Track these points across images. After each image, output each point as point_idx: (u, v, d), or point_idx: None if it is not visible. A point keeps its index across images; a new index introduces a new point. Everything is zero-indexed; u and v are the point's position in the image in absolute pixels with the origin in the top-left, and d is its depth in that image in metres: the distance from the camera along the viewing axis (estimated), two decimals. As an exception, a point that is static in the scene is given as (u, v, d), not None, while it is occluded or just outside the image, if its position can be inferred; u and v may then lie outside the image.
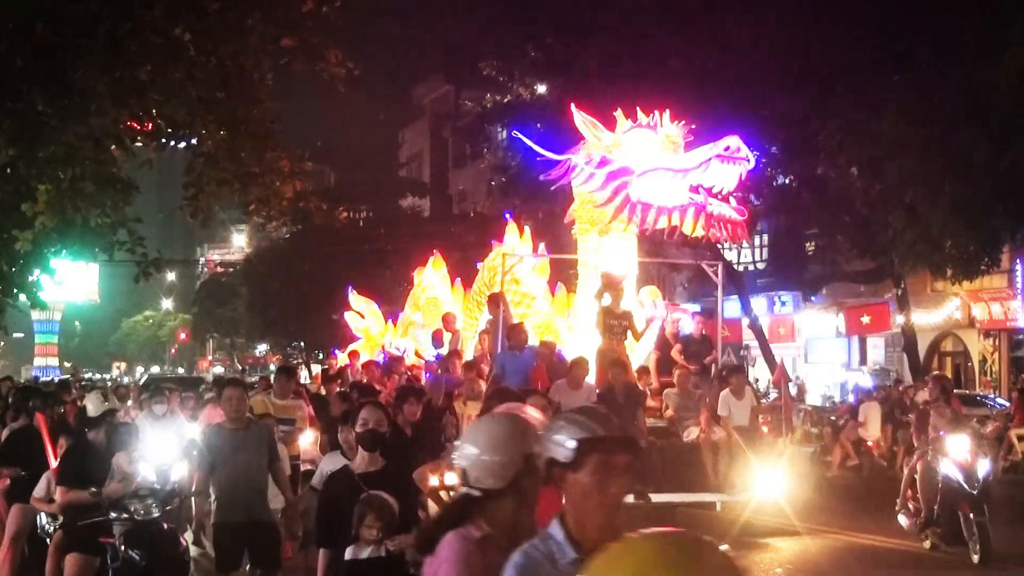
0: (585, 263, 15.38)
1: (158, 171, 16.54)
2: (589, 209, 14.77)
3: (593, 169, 14.22)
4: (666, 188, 13.89)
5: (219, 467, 7.71)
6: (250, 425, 7.96)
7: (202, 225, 12.77)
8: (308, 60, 11.61)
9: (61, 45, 9.64)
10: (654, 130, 14.31)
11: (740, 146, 13.64)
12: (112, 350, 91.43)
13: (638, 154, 14.19)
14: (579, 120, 14.71)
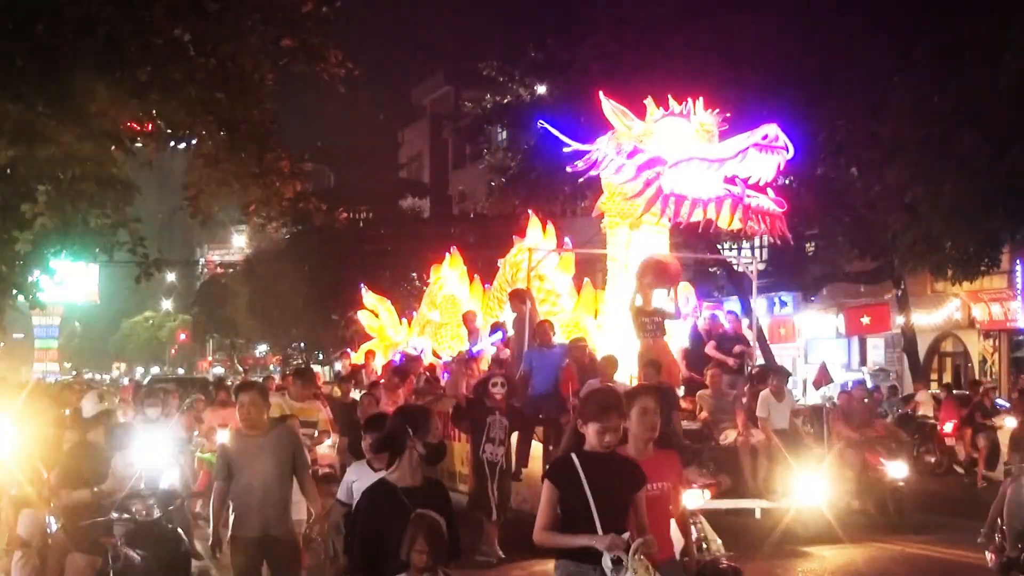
0: (615, 258, 14.69)
1: (158, 172, 16.54)
2: (619, 201, 14.17)
3: (623, 160, 13.59)
4: (700, 179, 13.22)
5: (236, 477, 7.21)
6: (271, 430, 7.41)
7: (202, 225, 12.79)
8: (308, 61, 11.63)
9: (61, 45, 9.64)
10: (687, 118, 13.67)
11: (779, 134, 12.94)
12: (112, 351, 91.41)
13: (671, 143, 13.54)
14: (608, 109, 14.05)
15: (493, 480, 11.27)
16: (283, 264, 43.09)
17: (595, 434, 5.04)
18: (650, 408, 5.42)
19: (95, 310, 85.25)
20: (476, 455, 11.39)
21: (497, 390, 11.39)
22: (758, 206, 13.32)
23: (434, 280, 20.09)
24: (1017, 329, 28.13)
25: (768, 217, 13.44)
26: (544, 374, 12.61)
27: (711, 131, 13.69)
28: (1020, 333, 28.50)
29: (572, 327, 14.81)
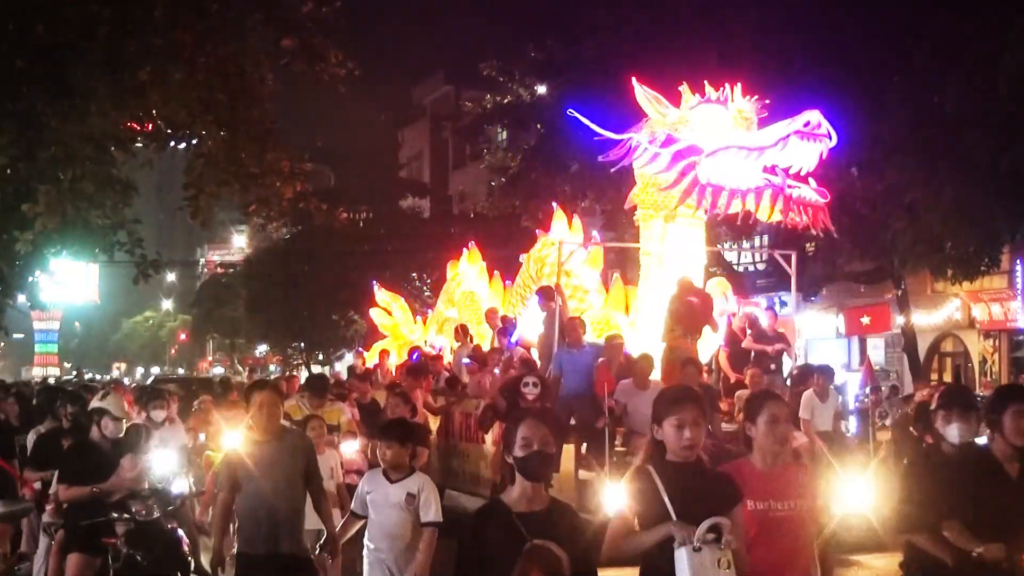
0: (648, 252, 13.98)
1: (158, 172, 16.60)
2: (652, 193, 13.51)
3: (657, 149, 12.88)
4: (739, 168, 12.60)
5: (243, 487, 6.47)
6: (284, 436, 6.67)
7: (202, 226, 12.77)
8: (308, 61, 11.63)
9: (61, 46, 9.65)
10: (724, 105, 13.03)
11: (821, 121, 12.28)
12: (112, 351, 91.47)
13: (707, 131, 12.89)
14: (641, 95, 13.35)
15: None
16: (283, 264, 43.07)
17: (673, 431, 4.44)
18: (780, 417, 4.83)
19: (95, 310, 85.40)
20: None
21: (529, 391, 10.75)
22: (800, 197, 12.71)
23: (451, 277, 19.40)
24: (1017, 329, 28.14)
25: (810, 208, 12.81)
26: (576, 374, 12.02)
27: (749, 118, 13.08)
28: (1020, 333, 28.51)
29: (603, 324, 14.12)
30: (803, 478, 4.95)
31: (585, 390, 11.84)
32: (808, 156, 12.35)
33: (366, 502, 6.56)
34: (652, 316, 13.45)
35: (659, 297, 13.31)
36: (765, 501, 4.72)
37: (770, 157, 12.48)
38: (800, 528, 4.79)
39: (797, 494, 4.79)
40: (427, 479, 6.67)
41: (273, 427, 6.56)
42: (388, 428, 6.96)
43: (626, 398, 11.24)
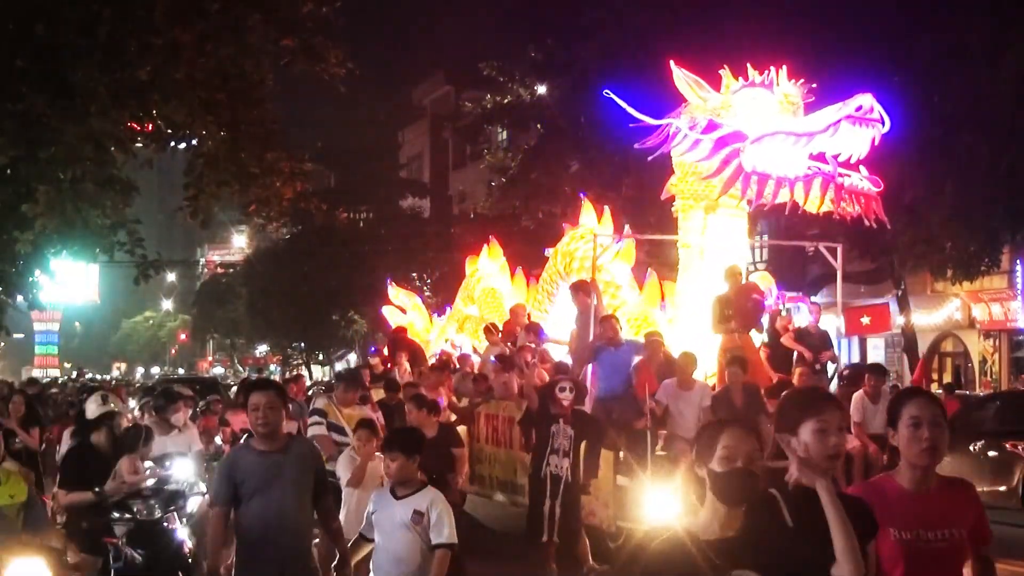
0: (688, 244, 13.18)
1: (158, 172, 16.57)
2: (693, 182, 12.75)
3: (699, 135, 12.12)
4: (786, 156, 11.86)
5: (243, 503, 5.72)
6: (290, 445, 5.88)
7: (202, 226, 12.78)
8: (308, 61, 11.64)
9: (61, 46, 9.65)
10: (770, 89, 12.26)
11: (873, 105, 11.54)
12: (112, 351, 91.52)
13: (752, 117, 12.15)
14: (680, 79, 12.59)
15: (555, 497, 9.85)
16: (283, 264, 43.09)
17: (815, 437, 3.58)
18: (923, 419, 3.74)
19: (95, 310, 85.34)
20: (538, 469, 10.00)
21: (565, 395, 9.91)
22: (851, 186, 11.91)
23: (470, 273, 18.47)
24: (1017, 329, 28.14)
25: (863, 198, 12.00)
26: (613, 374, 11.35)
27: (796, 103, 12.32)
28: (1020, 333, 28.52)
29: (640, 321, 13.32)
30: (961, 498, 3.90)
31: (623, 390, 11.27)
32: (860, 142, 11.61)
33: (372, 522, 5.83)
34: (691, 312, 12.77)
35: (699, 292, 12.65)
36: (913, 530, 3.74)
37: (820, 143, 11.78)
38: (957, 561, 3.82)
39: (953, 520, 3.78)
40: (438, 495, 5.88)
41: (274, 433, 5.76)
42: (391, 438, 6.27)
43: (668, 399, 10.73)
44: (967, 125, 19.24)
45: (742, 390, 10.85)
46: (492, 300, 17.09)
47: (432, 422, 9.76)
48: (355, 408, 9.71)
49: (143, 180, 13.34)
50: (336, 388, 9.72)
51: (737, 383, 10.89)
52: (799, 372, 11.94)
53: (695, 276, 12.99)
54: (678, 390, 10.79)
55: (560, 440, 9.90)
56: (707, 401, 10.70)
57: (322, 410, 9.55)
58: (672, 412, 10.73)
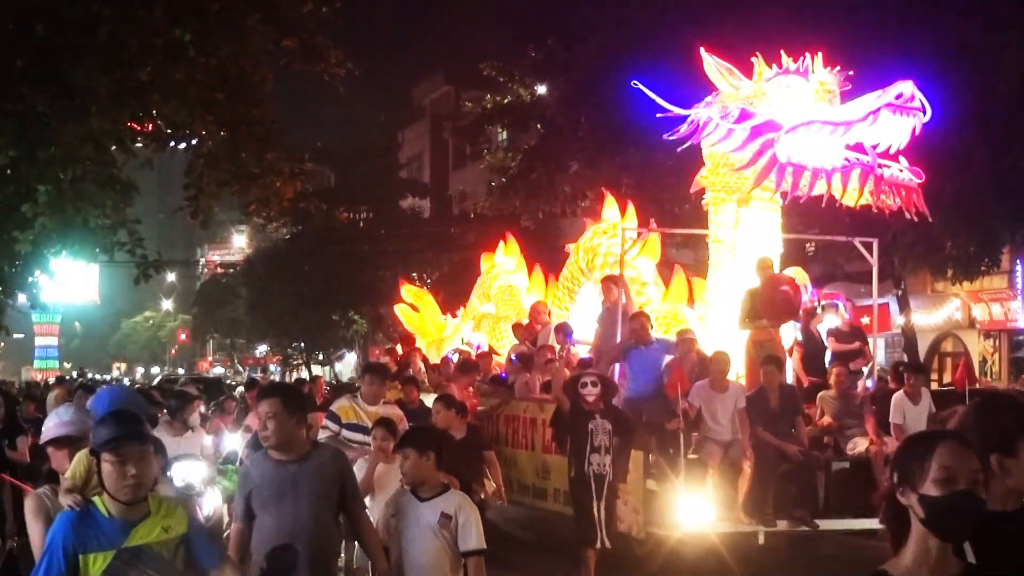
0: (719, 239, 12.60)
1: (158, 172, 16.57)
2: (724, 174, 12.19)
3: (731, 124, 11.60)
4: (823, 146, 11.34)
5: (258, 518, 5.26)
6: (311, 454, 5.36)
7: (202, 226, 12.79)
8: (308, 61, 11.65)
9: (61, 46, 9.66)
10: (805, 76, 11.72)
11: (914, 93, 11.06)
12: (112, 351, 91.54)
13: (786, 105, 11.64)
14: (710, 66, 12.08)
15: (600, 498, 9.14)
16: (283, 264, 43.09)
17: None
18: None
19: (95, 310, 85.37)
20: (581, 469, 9.25)
21: (588, 391, 9.29)
22: (892, 177, 11.39)
23: (486, 270, 17.81)
24: (1017, 329, 28.15)
25: (903, 190, 11.49)
26: (644, 373, 10.86)
27: (832, 91, 11.78)
28: (1020, 333, 28.52)
29: (670, 319, 12.88)
30: None
31: (653, 390, 10.79)
32: (900, 132, 11.07)
33: (390, 528, 5.40)
34: (723, 309, 12.27)
35: (731, 289, 12.18)
36: None
37: (858, 133, 11.24)
38: None
39: None
40: (466, 498, 5.51)
41: (289, 443, 5.26)
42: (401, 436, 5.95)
43: (701, 400, 10.28)
44: (967, 125, 19.23)
45: (778, 390, 10.51)
46: (510, 297, 16.61)
47: (461, 424, 9.39)
48: (383, 406, 8.76)
49: (143, 180, 13.36)
50: (362, 382, 8.94)
51: (773, 383, 10.50)
52: (836, 372, 11.44)
53: (726, 272, 12.46)
54: (711, 391, 10.37)
55: (600, 437, 9.24)
56: (742, 403, 10.28)
57: (334, 414, 8.57)
58: (704, 414, 10.31)
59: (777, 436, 10.27)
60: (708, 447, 10.14)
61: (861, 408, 11.18)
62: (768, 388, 10.47)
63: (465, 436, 9.28)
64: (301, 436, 5.40)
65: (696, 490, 9.73)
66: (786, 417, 10.46)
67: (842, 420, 11.15)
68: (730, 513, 9.99)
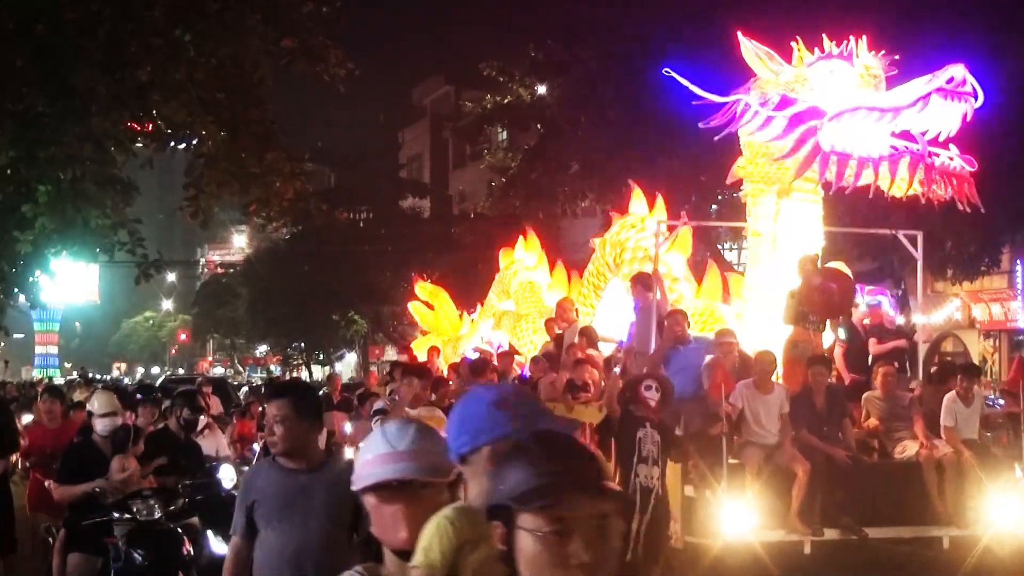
0: (759, 232, 12.02)
1: (158, 172, 16.58)
2: (763, 164, 11.65)
3: (771, 112, 11.09)
4: (869, 133, 10.79)
5: (261, 533, 4.69)
6: (325, 466, 4.75)
7: (202, 226, 12.78)
8: (308, 61, 11.64)
9: (61, 46, 9.67)
10: (849, 61, 11.15)
11: (966, 77, 10.49)
12: (112, 351, 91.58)
13: (829, 91, 11.08)
14: (749, 52, 11.52)
15: (644, 511, 8.47)
16: (283, 264, 43.12)
17: None
18: None
19: (95, 310, 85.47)
20: (626, 481, 8.57)
21: (651, 395, 8.77)
22: (943, 166, 10.79)
23: (505, 266, 17.20)
24: (1017, 329, 28.17)
25: (955, 179, 10.85)
26: (682, 374, 10.19)
27: (878, 76, 11.21)
28: (1020, 333, 28.54)
29: (706, 316, 12.34)
30: None
31: (692, 392, 10.20)
32: (951, 118, 10.55)
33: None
34: (763, 306, 11.72)
35: (771, 284, 11.63)
36: None
37: (906, 120, 10.71)
38: None
39: None
40: None
41: (300, 450, 4.69)
42: None
43: (745, 402, 9.76)
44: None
45: (825, 392, 10.03)
46: (531, 294, 16.03)
47: None
48: (424, 408, 8.15)
49: (143, 180, 13.38)
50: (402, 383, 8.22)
51: (821, 384, 10.02)
52: (882, 372, 10.75)
53: (766, 267, 11.89)
54: (756, 392, 9.83)
55: (648, 447, 8.60)
56: (787, 407, 9.81)
57: (385, 411, 8.26)
58: (748, 416, 9.81)
59: (823, 439, 9.83)
60: (751, 451, 9.65)
61: (909, 409, 10.58)
62: (815, 389, 10.02)
63: None
64: (315, 443, 4.84)
65: (738, 497, 9.24)
66: (833, 419, 10.00)
67: (889, 422, 10.59)
68: (775, 521, 9.52)
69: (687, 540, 9.42)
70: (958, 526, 9.88)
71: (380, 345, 49.12)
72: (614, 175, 22.83)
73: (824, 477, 9.65)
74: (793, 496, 9.52)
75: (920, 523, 9.93)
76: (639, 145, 21.49)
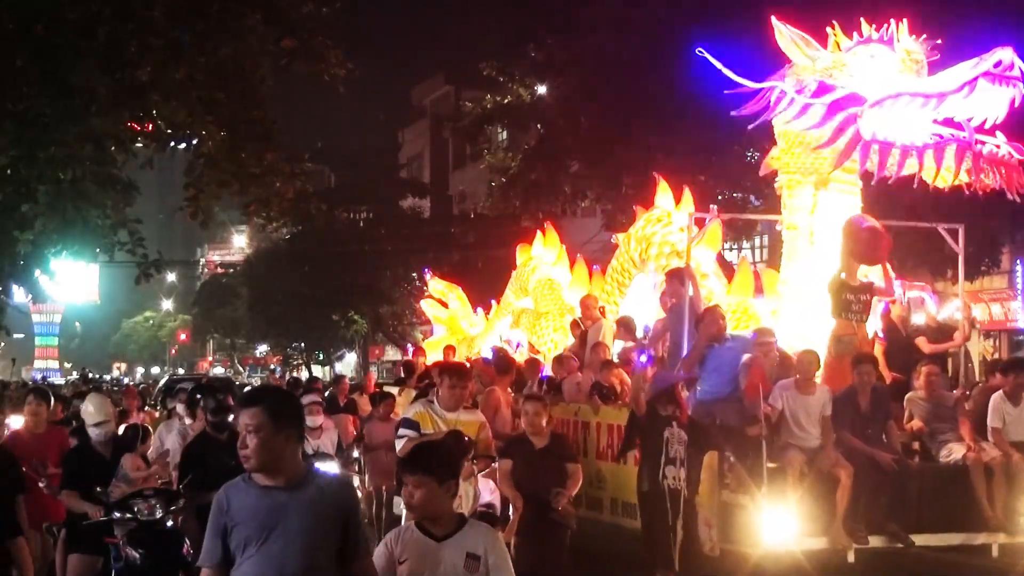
0: (795, 225, 11.48)
1: (158, 172, 16.57)
2: (800, 154, 11.17)
3: (808, 99, 10.62)
4: (912, 120, 10.32)
5: (237, 562, 4.18)
6: (306, 483, 4.23)
7: (202, 226, 12.80)
8: (308, 61, 11.66)
9: (61, 46, 9.68)
10: (890, 45, 10.66)
11: (1014, 61, 9.99)
12: (112, 351, 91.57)
13: (870, 77, 10.58)
14: (783, 37, 11.05)
15: (678, 515, 8.25)
16: (283, 264, 43.12)
17: None
18: None
19: (95, 310, 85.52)
20: (655, 482, 8.37)
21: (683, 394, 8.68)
22: (991, 154, 10.27)
23: (523, 262, 16.63)
24: (1017, 329, 28.15)
25: (1003, 168, 10.33)
26: (717, 373, 9.90)
27: (920, 61, 10.72)
28: (1020, 333, 28.53)
29: (739, 313, 11.89)
30: None
31: (728, 392, 9.84)
32: (998, 104, 10.05)
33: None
34: (799, 303, 11.24)
35: (809, 280, 11.12)
36: None
37: (952, 105, 10.19)
38: None
39: None
40: (489, 530, 4.68)
41: (276, 464, 4.17)
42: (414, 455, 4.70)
43: (784, 401, 9.38)
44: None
45: (870, 392, 9.53)
46: (550, 292, 15.53)
47: (546, 430, 8.51)
48: (463, 412, 7.65)
49: (143, 180, 13.36)
50: (440, 385, 7.77)
51: (867, 384, 9.51)
52: (925, 372, 10.23)
53: (803, 262, 11.36)
54: (796, 394, 9.43)
55: (675, 447, 8.33)
56: (829, 409, 9.40)
57: (412, 420, 7.57)
58: (788, 418, 9.40)
59: (867, 441, 9.38)
60: (792, 455, 9.18)
61: (955, 411, 10.04)
62: (860, 389, 9.51)
63: (548, 444, 8.26)
64: (294, 456, 4.24)
65: (778, 502, 8.76)
66: (877, 421, 9.55)
67: (933, 424, 10.06)
68: (817, 528, 9.09)
69: (724, 547, 9.01)
70: (1008, 533, 9.48)
71: (380, 345, 49.13)
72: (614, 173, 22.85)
73: (868, 482, 9.20)
74: (836, 502, 9.10)
75: (968, 530, 9.52)
76: (637, 143, 21.47)
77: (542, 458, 8.03)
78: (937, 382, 10.27)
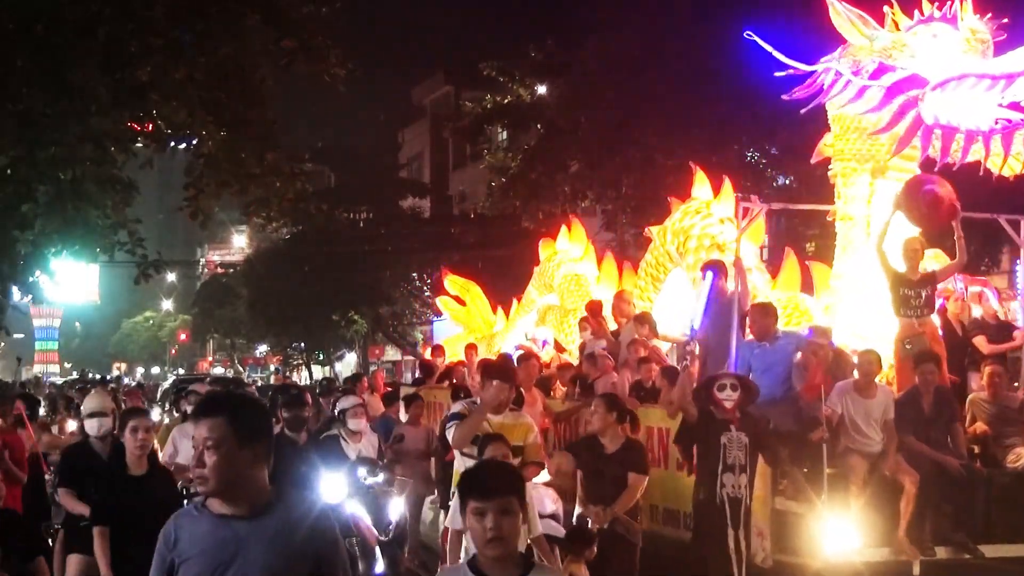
0: (850, 216, 10.77)
1: (158, 172, 16.56)
2: (856, 140, 10.51)
3: (865, 81, 9.94)
4: (977, 104, 9.59)
5: None
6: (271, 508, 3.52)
7: (202, 226, 12.81)
8: (308, 61, 11.67)
9: (61, 46, 9.68)
10: (953, 24, 9.95)
11: None
12: (112, 351, 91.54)
13: (932, 58, 9.88)
14: (839, 15, 10.37)
15: (737, 526, 7.73)
16: (283, 264, 43.11)
17: None
18: None
19: (95, 310, 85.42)
20: (712, 492, 7.88)
21: (727, 396, 7.93)
22: None
23: (547, 257, 16.05)
24: (1017, 329, 28.11)
25: None
26: (768, 374, 9.23)
27: (985, 40, 10.01)
28: (1020, 333, 28.48)
29: (790, 309, 11.15)
30: None
31: (780, 393, 9.24)
32: None
33: None
34: (855, 297, 10.58)
35: (864, 272, 10.41)
36: None
37: (1020, 88, 9.52)
38: None
39: None
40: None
41: (235, 488, 3.48)
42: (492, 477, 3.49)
43: (842, 405, 8.77)
44: None
45: (933, 394, 8.96)
46: (577, 288, 14.90)
47: (619, 433, 8.06)
48: (510, 416, 7.10)
49: (143, 180, 13.37)
50: (485, 386, 7.20)
51: (930, 385, 8.94)
52: (989, 372, 9.67)
53: (860, 254, 10.60)
54: (856, 396, 8.82)
55: (734, 452, 7.80)
56: (892, 412, 8.81)
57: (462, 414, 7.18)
58: (848, 421, 8.81)
59: (931, 446, 8.81)
60: (855, 461, 8.64)
61: (1020, 413, 9.50)
62: (923, 391, 8.94)
63: (619, 450, 7.86)
64: (258, 479, 3.52)
65: (838, 511, 8.22)
66: (941, 424, 8.95)
67: (998, 428, 9.46)
68: (880, 538, 8.54)
69: (777, 559, 8.50)
70: None
71: (380, 345, 49.11)
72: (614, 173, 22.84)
73: (934, 489, 8.67)
74: (901, 511, 8.53)
75: None
76: (637, 143, 21.45)
77: (611, 463, 7.69)
78: (1001, 383, 9.67)
